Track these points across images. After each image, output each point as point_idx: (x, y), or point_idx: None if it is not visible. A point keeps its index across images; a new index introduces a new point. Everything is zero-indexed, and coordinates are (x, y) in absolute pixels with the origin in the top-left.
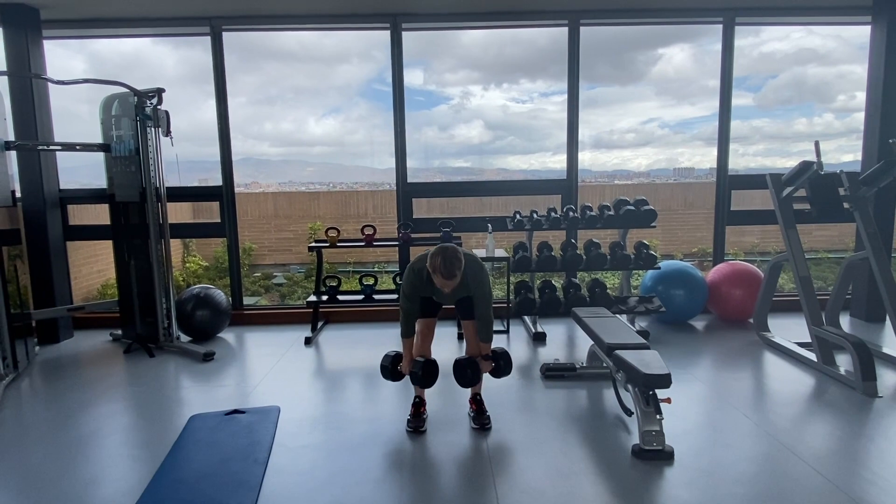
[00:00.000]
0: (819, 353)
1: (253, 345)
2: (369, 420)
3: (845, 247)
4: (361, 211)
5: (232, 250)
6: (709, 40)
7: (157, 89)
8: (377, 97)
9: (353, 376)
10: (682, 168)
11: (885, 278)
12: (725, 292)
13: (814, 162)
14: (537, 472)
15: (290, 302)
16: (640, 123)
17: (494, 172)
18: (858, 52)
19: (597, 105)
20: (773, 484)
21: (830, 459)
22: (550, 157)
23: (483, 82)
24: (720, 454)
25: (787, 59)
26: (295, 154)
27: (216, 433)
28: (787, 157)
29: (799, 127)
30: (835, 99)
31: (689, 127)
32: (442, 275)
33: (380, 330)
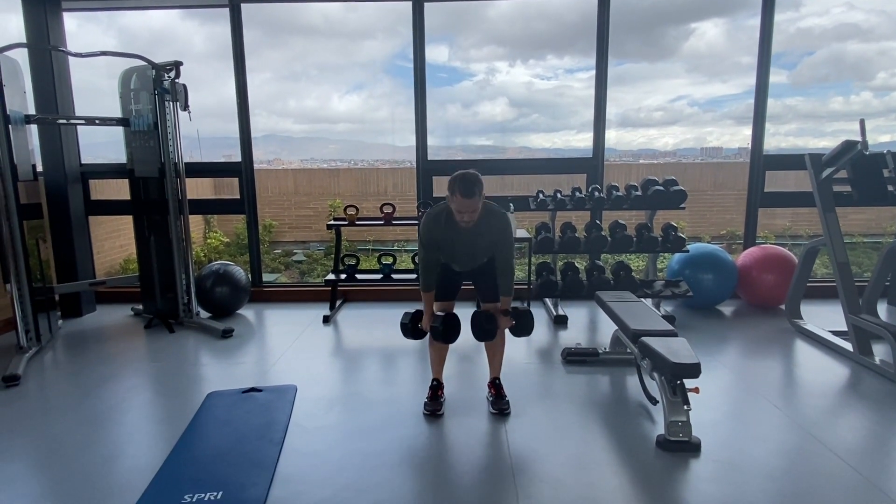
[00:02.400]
0: (855, 343)
1: (271, 322)
2: (386, 402)
3: (882, 231)
4: (381, 189)
5: (251, 227)
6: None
7: (175, 62)
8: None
9: (370, 356)
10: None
11: None
12: (756, 277)
13: (858, 141)
14: (558, 460)
15: (308, 279)
16: (669, 101)
17: (516, 151)
18: None
19: (624, 82)
20: (805, 480)
21: (866, 455)
22: (575, 136)
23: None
24: (749, 447)
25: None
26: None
27: (232, 411)
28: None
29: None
30: (875, 76)
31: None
32: (461, 193)
33: (398, 310)
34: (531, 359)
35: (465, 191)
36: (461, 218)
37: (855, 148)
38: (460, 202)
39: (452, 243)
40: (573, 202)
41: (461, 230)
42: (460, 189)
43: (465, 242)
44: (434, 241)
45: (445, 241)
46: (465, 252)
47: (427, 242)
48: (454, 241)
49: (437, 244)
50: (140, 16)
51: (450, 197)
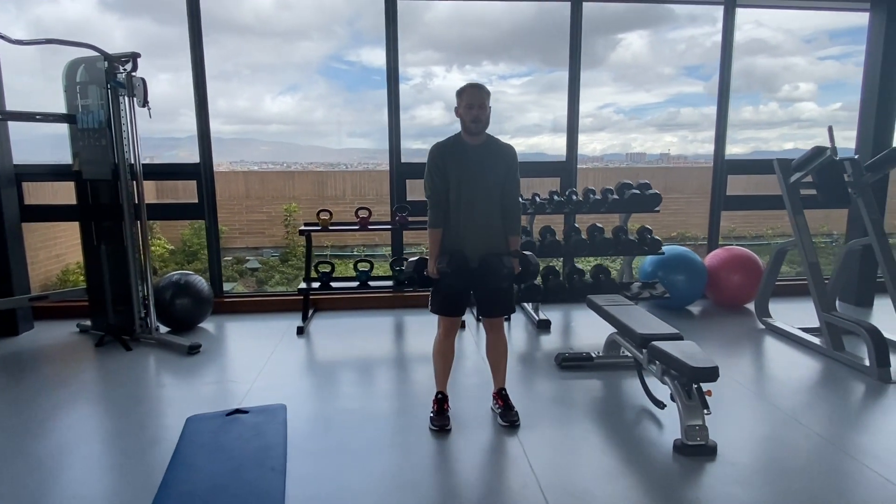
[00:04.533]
0: (829, 339)
1: (240, 335)
2: (387, 417)
3: (816, 231)
4: (339, 192)
5: (211, 233)
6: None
7: (132, 54)
8: (337, 75)
9: (357, 368)
10: (635, 153)
11: (889, 264)
12: (724, 278)
13: (827, 147)
14: (582, 472)
15: (268, 288)
16: (597, 108)
17: None
18: (803, 45)
19: (556, 89)
20: (826, 478)
21: (873, 451)
22: (510, 141)
23: (445, 63)
24: (761, 448)
25: (738, 49)
26: (250, 132)
27: (220, 437)
28: (734, 143)
29: (745, 115)
30: (780, 89)
31: (643, 113)
32: (470, 85)
33: (375, 318)
34: (523, 366)
35: (475, 84)
36: (471, 115)
37: (824, 153)
38: (471, 94)
39: (460, 167)
40: (553, 205)
41: (469, 151)
42: (468, 85)
43: (474, 167)
44: (443, 163)
45: (453, 165)
46: (473, 180)
47: (434, 168)
48: (462, 164)
49: (445, 170)
50: (55, 6)
51: (459, 100)
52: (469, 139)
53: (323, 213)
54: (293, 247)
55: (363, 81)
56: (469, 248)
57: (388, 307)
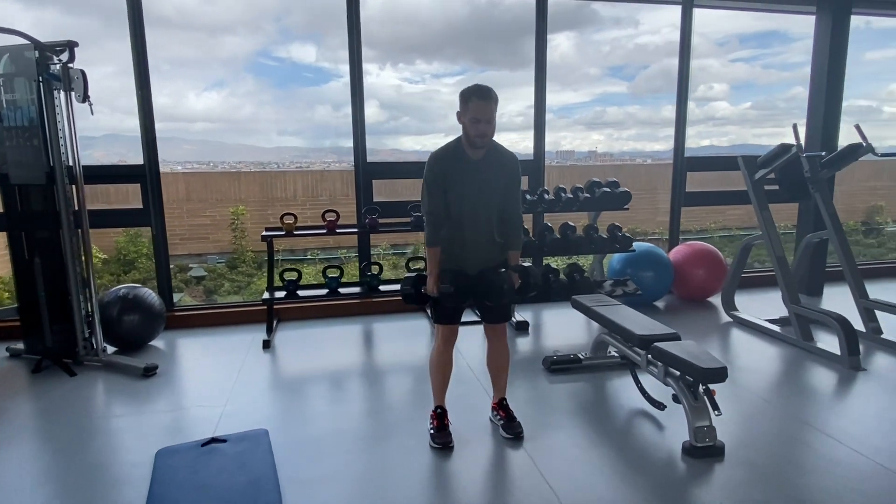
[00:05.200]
0: (798, 330)
1: (200, 353)
2: (380, 437)
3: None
4: (289, 193)
5: (159, 241)
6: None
7: (69, 42)
8: (266, 72)
9: (337, 383)
10: (564, 151)
11: (846, 254)
12: (688, 272)
13: (793, 144)
14: (600, 482)
15: (219, 298)
16: (527, 107)
17: (388, 153)
18: (716, 48)
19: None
20: (826, 469)
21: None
22: (444, 139)
23: (379, 61)
24: (763, 445)
25: (658, 51)
26: (172, 130)
27: (200, 472)
28: (655, 141)
29: (665, 113)
30: (696, 89)
31: (571, 112)
32: (478, 95)
33: (344, 327)
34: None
35: (482, 93)
36: (477, 130)
37: (790, 150)
38: (477, 106)
39: (461, 181)
40: (526, 205)
41: (472, 163)
42: (476, 93)
43: (475, 180)
44: (442, 176)
45: (453, 178)
46: (473, 196)
47: (433, 181)
48: (463, 178)
49: (444, 183)
50: None
51: (462, 110)
52: (471, 150)
53: (287, 216)
54: (241, 252)
55: (293, 78)
56: (469, 264)
57: (357, 314)
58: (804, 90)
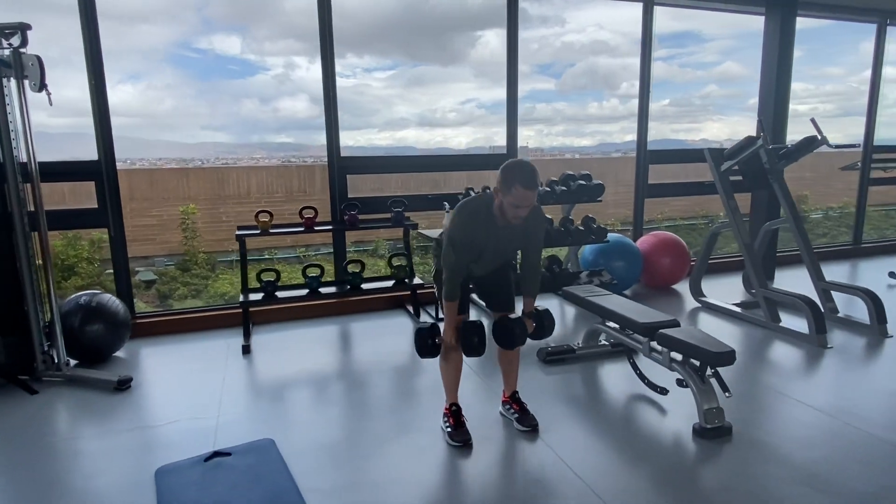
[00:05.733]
0: (767, 312)
1: (172, 362)
2: (392, 439)
3: (696, 214)
4: (243, 190)
5: (117, 244)
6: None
7: (20, 24)
8: (186, 64)
9: (330, 386)
10: (497, 146)
11: (804, 240)
12: (655, 261)
13: (759, 137)
14: (625, 470)
15: (175, 303)
16: (460, 103)
17: (320, 148)
18: (637, 47)
19: (421, 84)
20: (827, 443)
21: (848, 409)
22: (377, 134)
23: (308, 54)
24: (764, 423)
25: (583, 49)
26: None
27: (210, 488)
28: (583, 136)
29: (591, 110)
30: (619, 86)
31: (503, 108)
32: (522, 184)
33: (323, 328)
34: None
35: (528, 181)
36: (515, 214)
37: (756, 143)
38: (520, 195)
39: (485, 244)
40: None
41: (499, 228)
42: (521, 180)
43: (500, 242)
44: (469, 241)
45: (479, 241)
46: (494, 253)
47: (460, 243)
48: (488, 241)
49: (472, 245)
50: None
51: (503, 189)
52: (501, 220)
53: (263, 213)
54: (193, 253)
55: (217, 71)
56: (478, 275)
57: (334, 314)
58: (718, 88)
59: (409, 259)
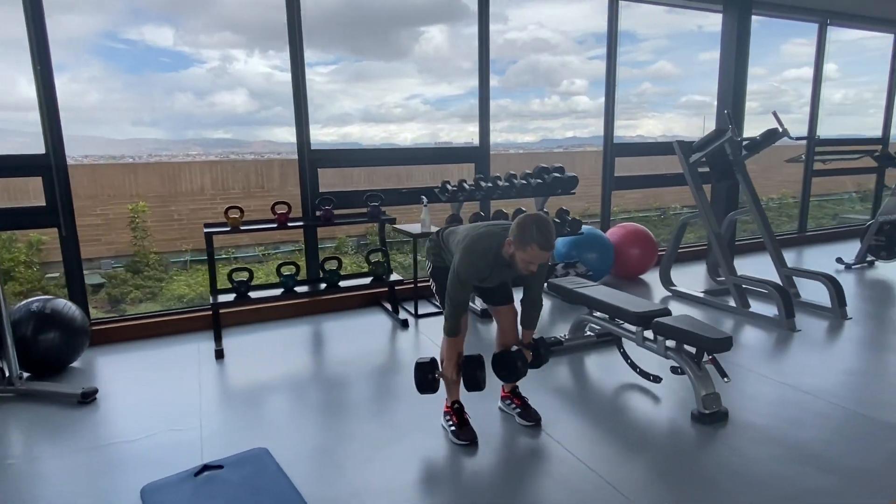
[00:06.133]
0: (738, 299)
1: (138, 370)
2: (393, 441)
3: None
4: (196, 187)
5: (70, 245)
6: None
7: None
8: (113, 56)
9: (316, 389)
10: (442, 142)
11: (767, 228)
12: (625, 252)
13: (727, 129)
14: (639, 457)
15: (128, 308)
16: (405, 99)
17: (261, 144)
18: (576, 45)
19: (364, 79)
20: (816, 423)
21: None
22: (321, 130)
23: (246, 47)
24: (756, 407)
25: (525, 46)
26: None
27: (209, 503)
28: (526, 132)
29: (534, 107)
30: (560, 83)
31: (447, 104)
32: (539, 245)
33: (296, 328)
34: None
35: (545, 243)
36: (527, 268)
37: (725, 135)
38: (536, 255)
39: (490, 277)
40: (482, 192)
41: (506, 266)
42: (539, 241)
43: (505, 277)
44: (476, 278)
45: (485, 274)
46: (496, 285)
47: (467, 280)
48: (493, 275)
49: (481, 280)
50: None
51: (518, 244)
52: (508, 259)
53: (232, 210)
54: (144, 254)
55: (148, 63)
56: None
57: (306, 314)
58: (652, 86)
59: (387, 255)
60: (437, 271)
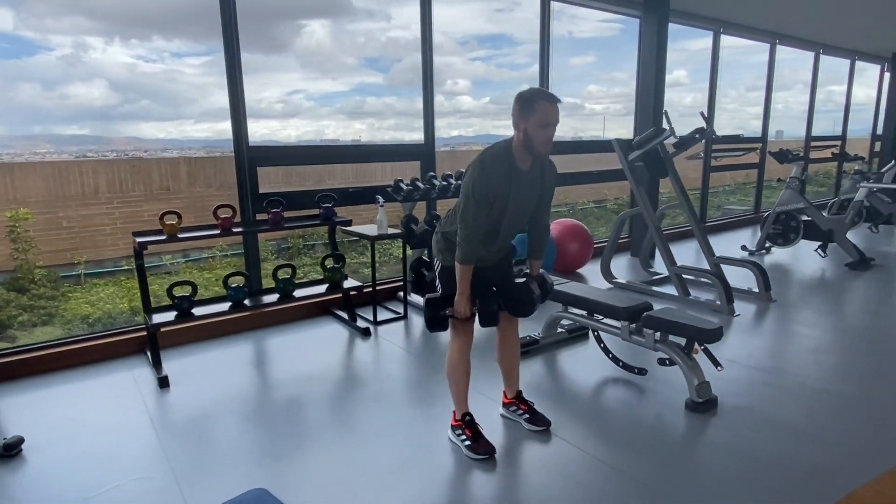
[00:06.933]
0: (679, 288)
1: (65, 409)
2: (405, 466)
3: (560, 203)
4: (88, 188)
5: None
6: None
7: None
8: None
9: (291, 412)
10: (329, 140)
11: (695, 221)
12: (564, 247)
13: (665, 129)
14: (655, 450)
15: (16, 334)
16: (287, 94)
17: (124, 141)
18: (458, 47)
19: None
20: (797, 402)
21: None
22: (193, 126)
23: (105, 34)
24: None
25: (409, 45)
26: None
27: None
28: (413, 131)
29: (419, 105)
30: (444, 83)
31: (332, 100)
32: (546, 98)
33: (239, 346)
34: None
35: (550, 96)
36: (545, 137)
37: (663, 133)
38: (546, 109)
39: (508, 194)
40: (437, 191)
41: (522, 173)
42: (542, 95)
43: (521, 192)
44: (491, 189)
45: (501, 192)
46: (516, 207)
47: (482, 194)
48: (510, 190)
49: (491, 196)
50: None
51: (523, 115)
52: (522, 160)
53: (169, 215)
54: (28, 269)
55: None
56: (486, 263)
57: (248, 329)
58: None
59: (343, 260)
60: (446, 272)
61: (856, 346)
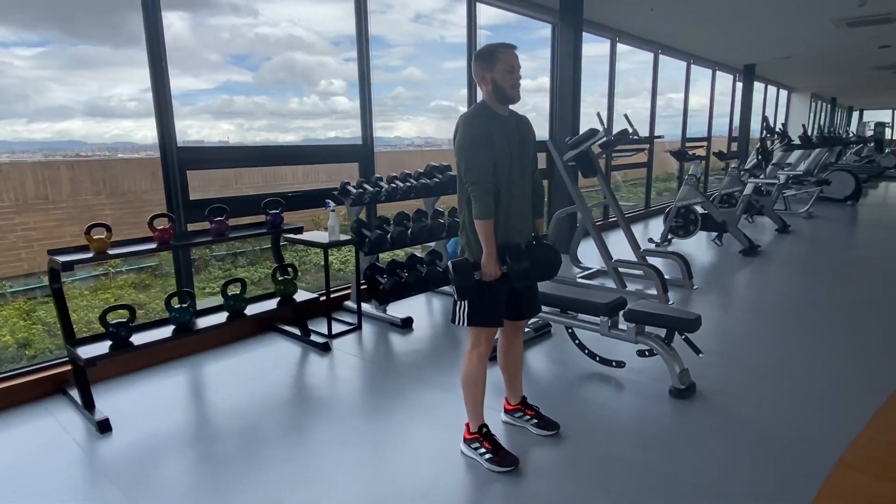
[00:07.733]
0: (618, 281)
1: None
2: (433, 483)
3: None
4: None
5: None
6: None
7: None
8: None
9: (266, 444)
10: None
11: (622, 216)
12: None
13: (599, 130)
14: (665, 441)
15: None
16: (142, 91)
17: None
18: (332, 47)
19: (86, 66)
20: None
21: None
22: (27, 125)
23: None
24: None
25: (279, 43)
26: None
27: None
28: (287, 132)
29: (293, 105)
30: (319, 83)
31: (195, 99)
32: (505, 47)
33: (184, 372)
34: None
35: (507, 44)
36: (513, 81)
37: (597, 134)
38: (507, 55)
39: (504, 142)
40: (385, 193)
41: (506, 119)
42: (500, 45)
43: (514, 139)
44: (488, 135)
45: (497, 137)
46: (518, 154)
47: (479, 134)
48: (505, 137)
49: (492, 143)
50: None
51: (487, 67)
52: (500, 109)
53: (97, 228)
54: None
55: None
56: (515, 239)
57: (185, 353)
58: (405, 90)
59: (296, 271)
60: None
61: (780, 320)
